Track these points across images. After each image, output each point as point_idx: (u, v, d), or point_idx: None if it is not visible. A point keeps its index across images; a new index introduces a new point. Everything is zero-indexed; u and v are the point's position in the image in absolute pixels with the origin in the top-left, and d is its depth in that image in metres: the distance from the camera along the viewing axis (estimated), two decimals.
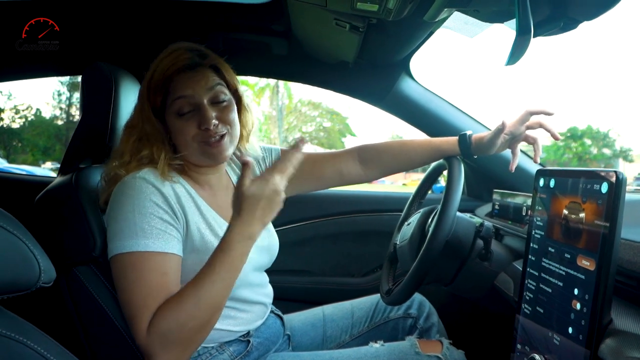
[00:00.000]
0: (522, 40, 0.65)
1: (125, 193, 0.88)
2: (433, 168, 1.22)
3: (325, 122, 26.81)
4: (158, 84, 0.94)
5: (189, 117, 0.94)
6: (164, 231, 0.86)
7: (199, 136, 0.94)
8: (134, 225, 0.85)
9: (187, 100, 0.94)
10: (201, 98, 0.94)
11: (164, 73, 0.94)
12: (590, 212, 0.63)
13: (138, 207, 0.86)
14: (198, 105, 0.94)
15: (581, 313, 0.62)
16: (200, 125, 0.94)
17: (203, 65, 0.97)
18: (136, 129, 0.96)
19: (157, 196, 0.88)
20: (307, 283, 1.71)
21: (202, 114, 0.94)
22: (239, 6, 1.30)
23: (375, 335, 1.20)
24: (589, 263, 0.61)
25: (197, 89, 0.94)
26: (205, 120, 0.93)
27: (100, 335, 0.95)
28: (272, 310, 1.14)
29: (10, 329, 0.59)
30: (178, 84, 0.94)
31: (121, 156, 0.96)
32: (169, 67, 0.94)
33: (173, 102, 0.94)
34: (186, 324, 0.79)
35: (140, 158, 0.94)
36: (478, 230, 1.06)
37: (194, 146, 0.95)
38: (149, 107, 0.95)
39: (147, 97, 0.96)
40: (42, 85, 33.03)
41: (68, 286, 0.95)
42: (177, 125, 0.95)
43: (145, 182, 0.88)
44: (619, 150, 25.23)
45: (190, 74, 0.95)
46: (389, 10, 0.86)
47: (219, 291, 0.81)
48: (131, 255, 0.83)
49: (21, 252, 0.60)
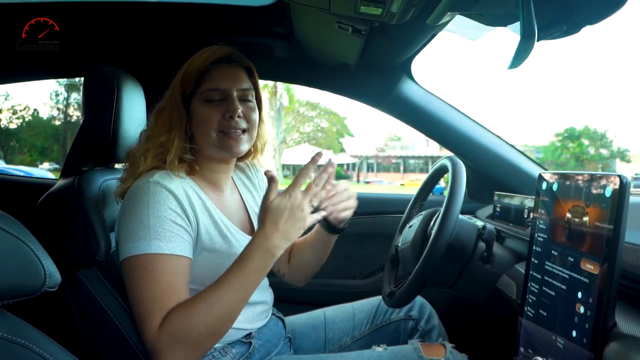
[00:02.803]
0: (525, 44, 0.65)
1: (139, 197, 0.89)
2: (435, 170, 1.22)
3: (323, 123, 26.84)
4: (194, 72, 0.98)
5: (215, 105, 0.98)
6: (176, 234, 0.88)
7: (221, 125, 0.97)
8: (147, 228, 0.86)
9: (218, 91, 0.98)
10: (232, 91, 0.98)
11: (202, 62, 0.98)
12: (594, 216, 0.63)
13: (152, 211, 0.87)
14: (227, 96, 0.98)
15: (585, 316, 0.62)
16: (225, 114, 0.97)
17: (239, 63, 1.02)
18: (163, 112, 0.99)
19: (170, 200, 0.89)
20: (308, 285, 1.70)
21: (230, 103, 0.97)
22: (240, 9, 1.31)
23: (377, 337, 1.20)
24: (593, 266, 0.62)
25: (230, 84, 0.99)
26: (232, 109, 0.96)
27: (103, 339, 0.95)
28: (273, 313, 1.15)
29: (15, 334, 0.59)
30: (213, 75, 0.98)
31: (146, 139, 0.99)
32: (208, 57, 0.99)
33: (205, 92, 0.98)
34: (196, 327, 0.80)
35: (158, 145, 0.96)
36: (480, 232, 1.06)
37: (213, 136, 0.97)
38: (180, 93, 0.99)
39: (180, 82, 0.99)
40: (39, 86, 32.89)
41: (71, 289, 0.95)
42: (202, 111, 0.98)
43: (159, 185, 0.90)
44: (616, 151, 25.29)
45: (227, 67, 1.00)
46: (392, 14, 0.86)
47: (232, 301, 0.82)
48: (144, 257, 0.85)
49: (26, 257, 0.60)
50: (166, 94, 1.02)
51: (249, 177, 1.19)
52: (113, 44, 1.54)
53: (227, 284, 0.82)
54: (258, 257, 0.82)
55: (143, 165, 0.95)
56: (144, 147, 0.97)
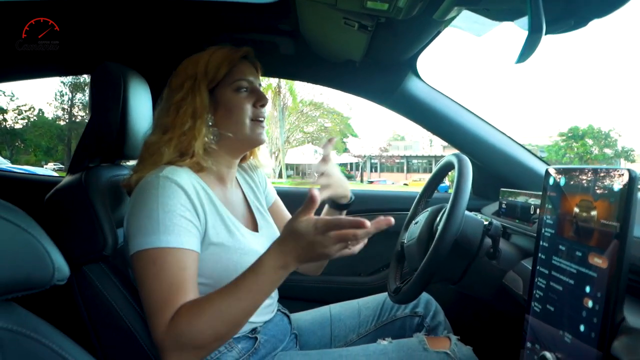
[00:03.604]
0: (533, 38, 0.65)
1: (148, 191, 0.89)
2: (440, 167, 1.22)
3: (327, 123, 26.83)
4: (224, 63, 1.02)
5: (245, 95, 1.04)
6: (185, 228, 0.88)
7: (253, 113, 1.04)
8: (156, 223, 0.86)
9: (247, 81, 1.04)
10: (256, 83, 1.07)
11: (231, 55, 1.03)
12: (602, 210, 0.63)
13: (162, 205, 0.87)
14: (253, 88, 1.05)
15: (593, 311, 0.62)
16: (257, 103, 1.04)
17: (253, 62, 1.09)
18: (184, 102, 1.00)
19: (180, 194, 0.90)
20: (314, 282, 1.71)
21: (260, 93, 1.05)
22: (246, 6, 1.31)
23: (383, 333, 1.20)
24: (602, 261, 0.61)
25: (254, 77, 1.07)
26: (263, 97, 1.05)
27: (110, 334, 0.95)
28: (279, 309, 1.15)
29: (25, 326, 0.60)
30: (241, 69, 1.04)
31: (166, 129, 0.99)
32: (233, 52, 1.04)
33: (234, 82, 1.03)
34: (204, 331, 0.80)
35: (181, 134, 0.97)
36: (486, 228, 1.06)
37: (247, 123, 1.03)
38: (206, 83, 1.01)
39: (204, 73, 1.01)
40: (44, 86, 33.16)
41: (78, 284, 0.96)
42: (235, 99, 1.03)
43: (168, 180, 0.90)
44: (620, 150, 25.19)
45: (250, 64, 1.07)
46: (399, 9, 0.86)
47: (242, 310, 0.82)
48: (153, 251, 0.85)
49: (35, 251, 0.61)
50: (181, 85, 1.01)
51: (250, 175, 1.22)
52: (119, 41, 1.54)
53: (239, 294, 0.81)
54: (271, 271, 0.81)
55: (167, 154, 0.96)
56: (167, 137, 0.98)
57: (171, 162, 0.96)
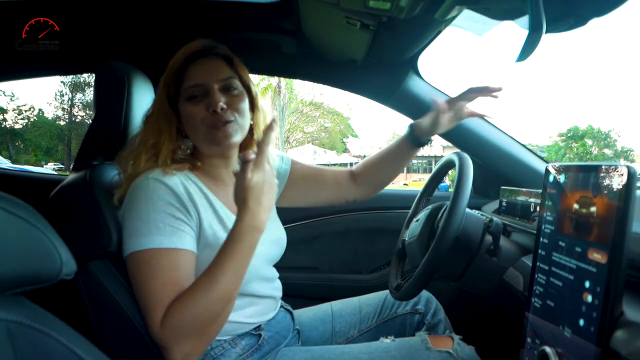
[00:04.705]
0: (533, 37, 0.66)
1: (138, 194, 0.90)
2: (441, 165, 1.23)
3: (327, 123, 26.80)
4: (172, 73, 0.98)
5: (198, 101, 0.98)
6: (177, 228, 0.89)
7: (207, 119, 0.97)
8: (147, 224, 0.87)
9: (199, 87, 0.98)
10: (212, 84, 0.98)
11: (178, 61, 0.99)
12: (601, 206, 0.64)
13: (152, 206, 0.88)
14: (207, 90, 0.98)
15: (592, 305, 0.63)
16: (209, 108, 0.96)
17: (215, 54, 1.01)
18: (151, 118, 1.00)
19: (169, 194, 0.90)
20: (316, 280, 1.72)
21: (210, 97, 0.97)
22: (248, 5, 1.31)
23: (383, 330, 1.21)
24: (601, 256, 0.62)
25: (209, 78, 0.98)
26: (213, 102, 0.96)
27: (114, 329, 0.96)
28: (281, 305, 1.16)
29: (33, 319, 0.61)
30: (191, 73, 0.99)
31: (132, 145, 1.00)
32: (182, 55, 0.99)
33: (186, 90, 0.98)
34: (199, 315, 0.81)
35: (148, 148, 0.97)
36: (487, 225, 1.07)
37: (202, 130, 0.98)
38: (165, 96, 0.99)
39: (163, 86, 1.00)
40: (44, 86, 33.09)
41: (83, 281, 0.97)
42: (187, 109, 0.98)
43: (157, 182, 0.91)
44: (620, 150, 25.17)
45: (203, 62, 1.00)
46: (401, 8, 0.87)
47: (230, 282, 0.82)
48: (145, 252, 0.86)
49: (44, 246, 0.62)
50: (154, 99, 1.03)
51: None
52: (121, 40, 1.55)
53: (222, 268, 0.82)
54: (248, 236, 0.82)
55: (133, 168, 0.96)
56: (136, 151, 0.98)
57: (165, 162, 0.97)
